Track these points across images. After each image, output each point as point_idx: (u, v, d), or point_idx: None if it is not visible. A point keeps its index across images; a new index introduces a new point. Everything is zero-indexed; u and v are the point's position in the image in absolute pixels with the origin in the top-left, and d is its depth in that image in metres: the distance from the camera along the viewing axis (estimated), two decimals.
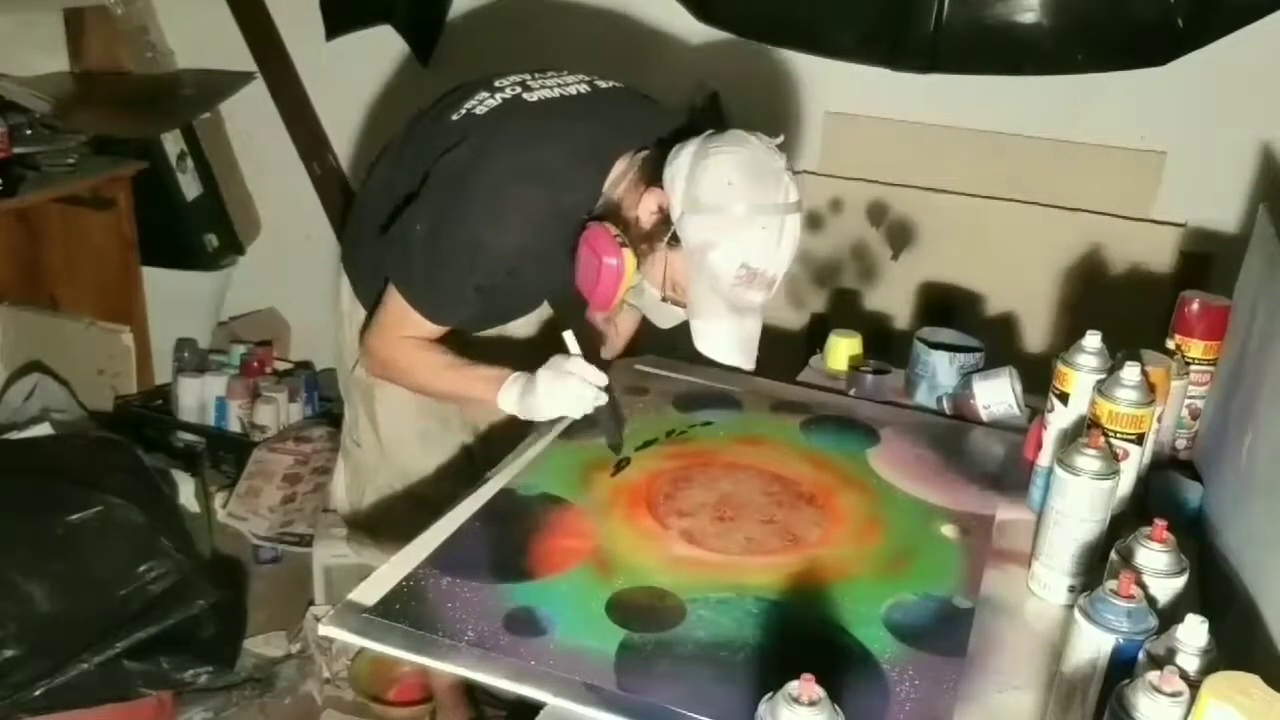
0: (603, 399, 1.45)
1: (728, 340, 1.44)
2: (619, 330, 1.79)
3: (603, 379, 1.45)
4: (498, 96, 1.54)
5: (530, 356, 1.49)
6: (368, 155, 2.90)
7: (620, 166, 1.48)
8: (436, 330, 1.53)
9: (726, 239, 1.37)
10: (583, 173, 1.48)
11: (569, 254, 1.47)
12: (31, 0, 3.02)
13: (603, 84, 1.61)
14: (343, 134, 3.05)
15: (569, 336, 1.48)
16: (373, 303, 1.64)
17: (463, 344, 1.57)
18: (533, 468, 1.47)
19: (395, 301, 1.51)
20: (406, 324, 1.52)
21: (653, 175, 1.43)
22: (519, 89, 1.55)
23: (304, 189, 3.12)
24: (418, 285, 1.49)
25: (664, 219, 1.41)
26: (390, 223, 1.54)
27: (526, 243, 1.46)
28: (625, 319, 1.77)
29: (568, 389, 1.43)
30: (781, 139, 1.43)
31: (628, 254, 1.42)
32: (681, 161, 1.39)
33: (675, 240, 1.40)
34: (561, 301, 1.70)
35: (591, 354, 1.51)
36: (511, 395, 1.46)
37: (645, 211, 1.43)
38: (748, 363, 1.46)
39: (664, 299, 1.48)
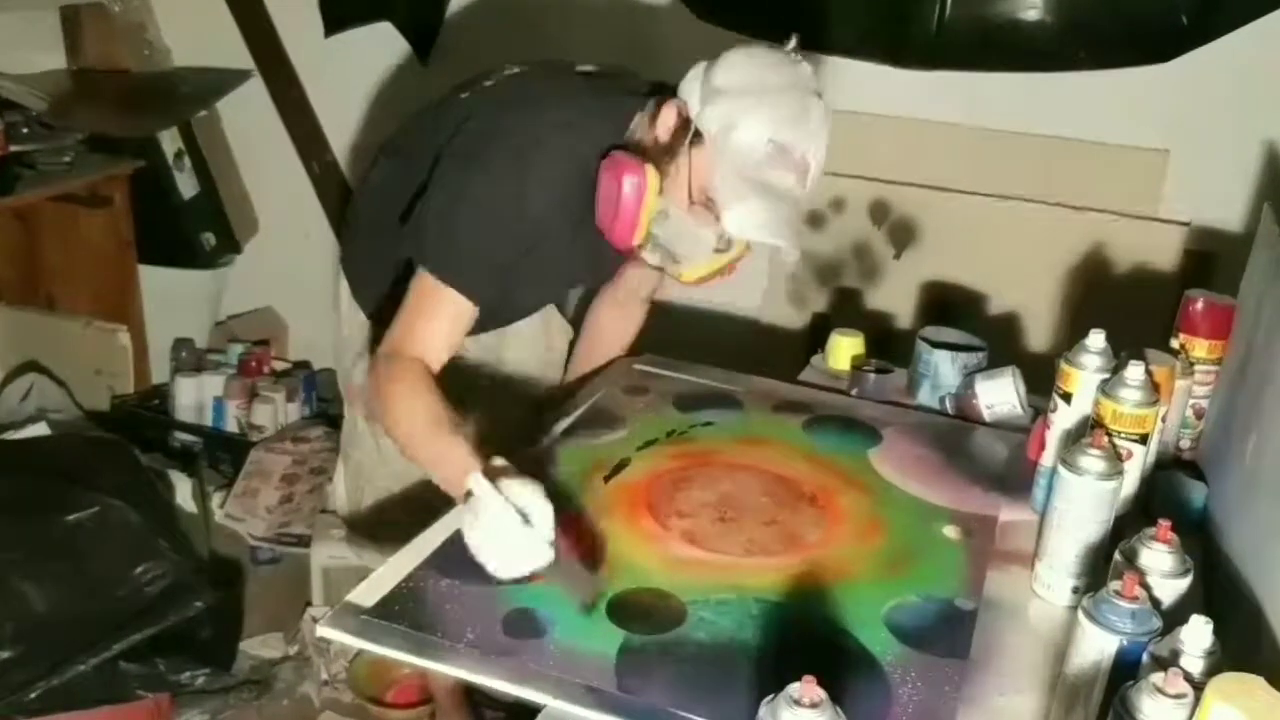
0: (548, 556, 1.15)
1: (761, 218, 1.35)
2: (631, 316, 1.79)
3: (549, 530, 1.15)
4: (505, 74, 1.55)
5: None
6: (366, 153, 2.92)
7: (635, 120, 1.47)
8: (462, 317, 1.44)
9: (749, 116, 1.33)
10: (599, 127, 1.46)
11: (589, 221, 1.43)
12: None
13: (609, 70, 1.61)
14: (341, 132, 3.04)
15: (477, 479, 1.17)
16: (370, 306, 1.63)
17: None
18: None
19: (418, 286, 1.43)
20: (427, 309, 1.42)
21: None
22: (524, 70, 1.56)
23: (302, 187, 3.11)
24: (441, 255, 1.42)
25: (684, 123, 1.39)
26: (407, 216, 1.51)
27: (546, 206, 1.42)
28: (636, 308, 1.74)
29: (505, 543, 1.15)
30: (796, 41, 1.42)
31: (649, 169, 1.37)
32: (696, 71, 1.40)
33: (698, 137, 1.37)
34: (581, 284, 1.69)
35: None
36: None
37: (664, 128, 1.40)
38: (787, 242, 1.37)
39: (691, 204, 1.40)
